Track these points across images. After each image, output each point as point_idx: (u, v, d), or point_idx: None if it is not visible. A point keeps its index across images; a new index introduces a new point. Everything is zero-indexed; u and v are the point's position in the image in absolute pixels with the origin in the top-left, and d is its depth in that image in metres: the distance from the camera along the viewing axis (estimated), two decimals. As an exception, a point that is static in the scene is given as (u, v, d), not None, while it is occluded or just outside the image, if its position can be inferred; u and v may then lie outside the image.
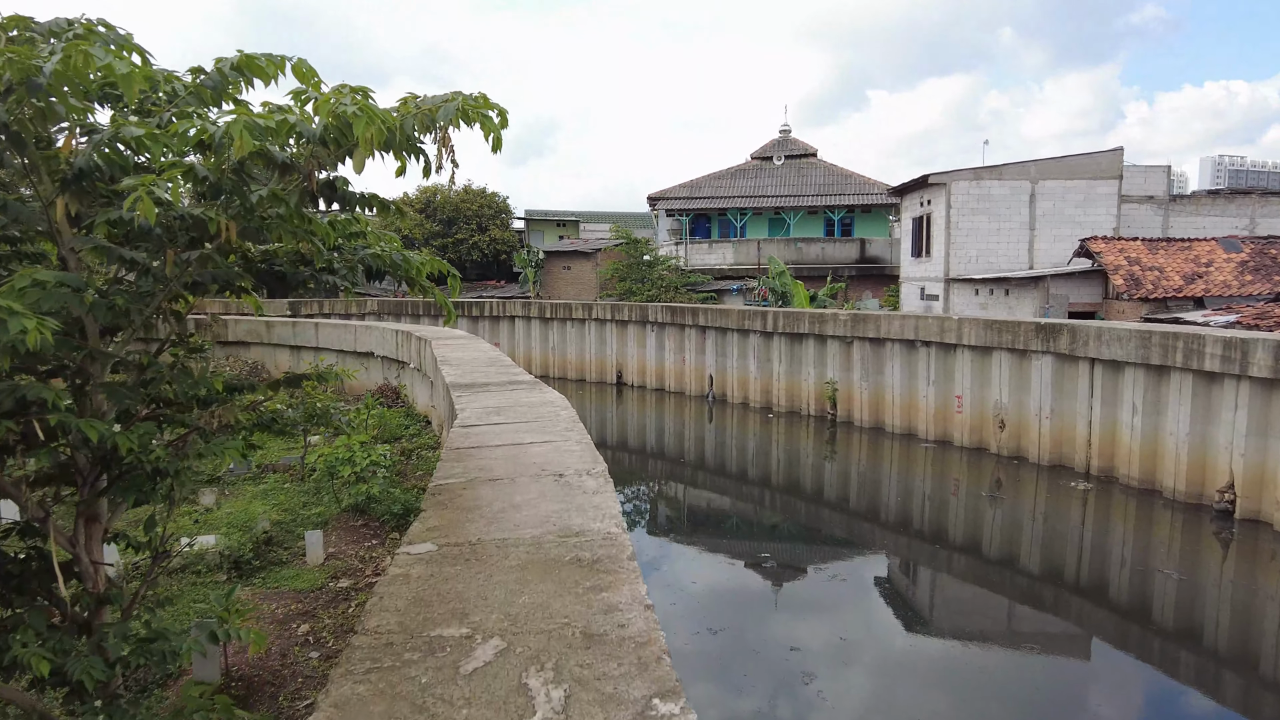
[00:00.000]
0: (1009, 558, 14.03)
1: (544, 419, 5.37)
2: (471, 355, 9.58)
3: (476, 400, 6.17)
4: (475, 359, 9.18)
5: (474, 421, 5.33)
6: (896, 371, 20.45)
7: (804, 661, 9.69)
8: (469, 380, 7.16)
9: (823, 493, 18.92)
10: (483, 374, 7.61)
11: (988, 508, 16.78)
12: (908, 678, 9.65)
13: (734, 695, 8.74)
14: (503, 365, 8.43)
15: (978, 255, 24.27)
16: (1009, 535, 15.02)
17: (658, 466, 22.58)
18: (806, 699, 8.66)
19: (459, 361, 8.95)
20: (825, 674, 9.42)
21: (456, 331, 13.76)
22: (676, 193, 37.24)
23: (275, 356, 19.96)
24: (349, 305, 38.61)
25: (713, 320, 25.91)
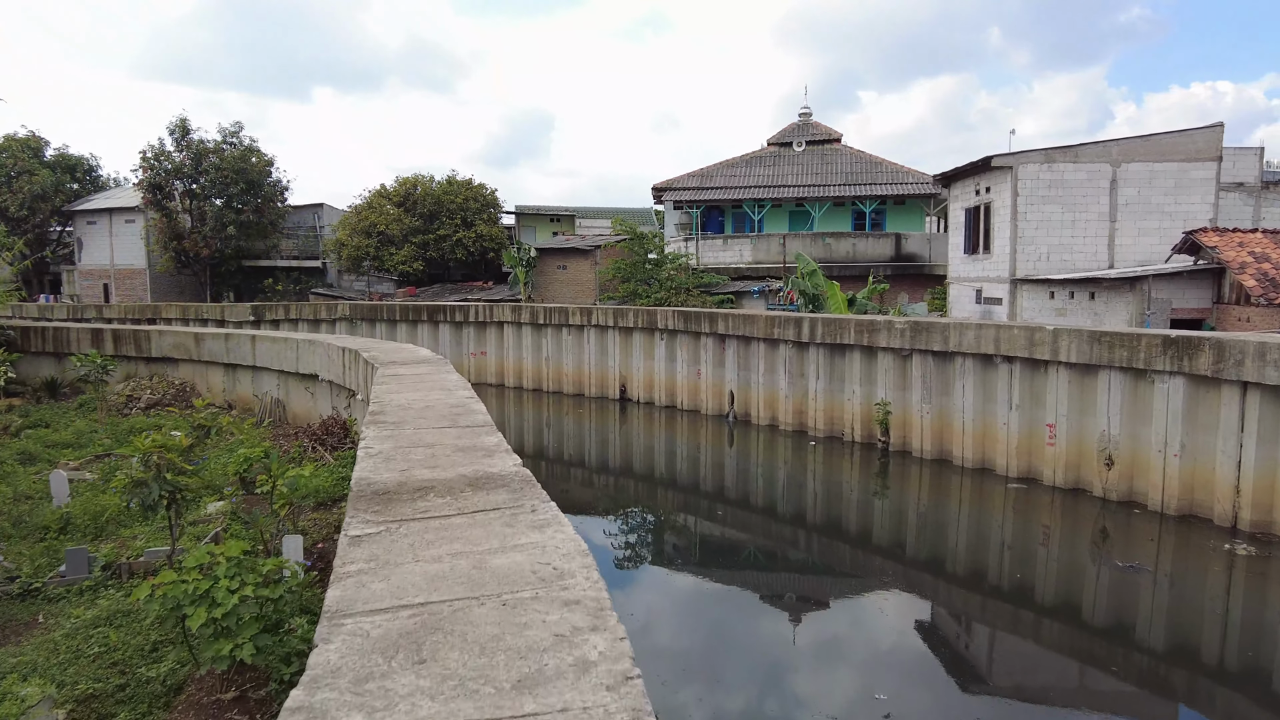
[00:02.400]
0: (1134, 634, 10.81)
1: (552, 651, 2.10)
2: (424, 401, 6.28)
3: (407, 550, 2.87)
4: (429, 408, 5.90)
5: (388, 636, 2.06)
6: (968, 392, 17.21)
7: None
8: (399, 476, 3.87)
9: (871, 536, 15.68)
10: (430, 452, 4.34)
11: (1090, 564, 13.58)
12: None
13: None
14: (470, 426, 5.16)
15: (1048, 251, 21.07)
16: (1129, 603, 11.81)
17: (668, 498, 19.31)
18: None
19: (401, 414, 5.68)
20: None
21: (419, 352, 10.41)
22: (685, 183, 33.95)
23: (207, 376, 16.59)
24: (318, 309, 35.24)
25: (735, 327, 22.63)
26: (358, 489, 3.63)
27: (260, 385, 15.41)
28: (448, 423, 5.39)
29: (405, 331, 32.29)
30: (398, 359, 9.64)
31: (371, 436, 4.88)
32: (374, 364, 9.18)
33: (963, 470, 17.65)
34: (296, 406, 14.55)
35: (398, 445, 4.59)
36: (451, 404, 6.20)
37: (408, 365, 8.87)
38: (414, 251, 39.43)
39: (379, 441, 4.70)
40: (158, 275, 44.06)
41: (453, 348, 31.58)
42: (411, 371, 8.28)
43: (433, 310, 31.77)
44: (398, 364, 9.06)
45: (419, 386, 7.19)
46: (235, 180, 39.90)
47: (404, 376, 7.88)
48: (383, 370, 8.55)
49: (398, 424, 5.37)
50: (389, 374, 8.16)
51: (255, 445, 12.61)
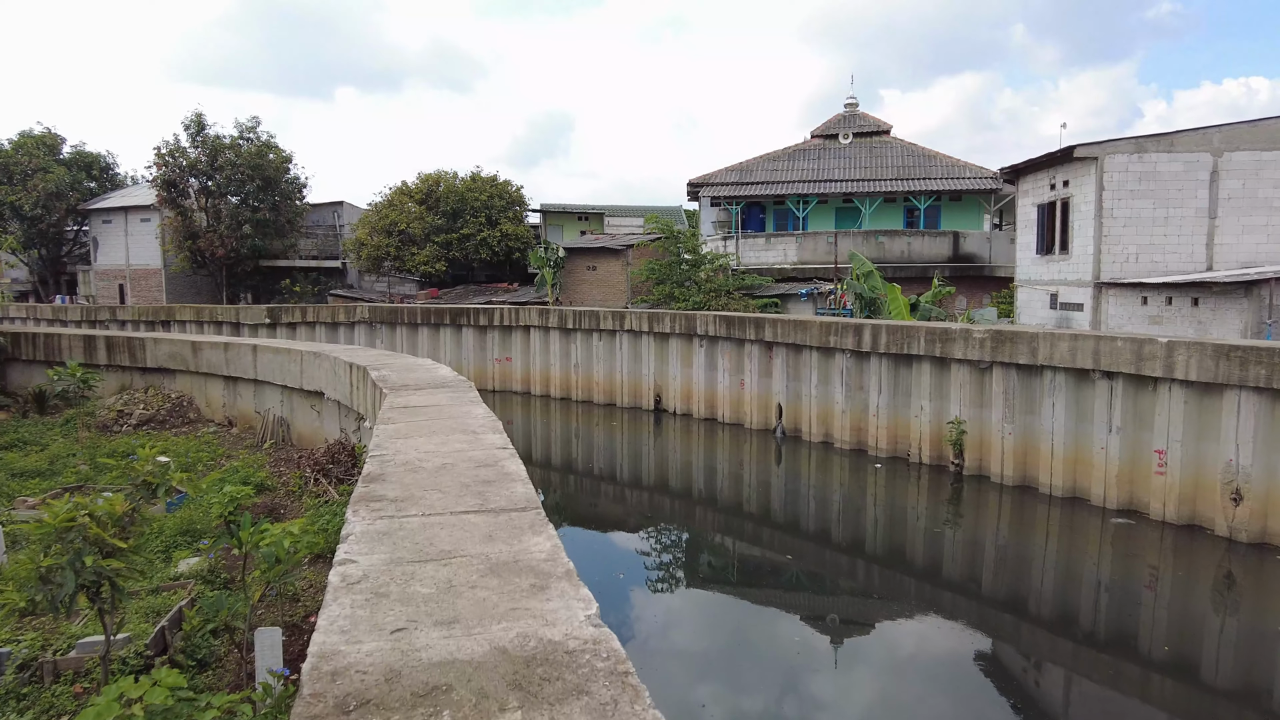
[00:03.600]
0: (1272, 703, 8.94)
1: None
2: (441, 453, 4.69)
3: None
4: (446, 469, 4.35)
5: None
6: (1058, 411, 15.31)
7: None
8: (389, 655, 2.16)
9: (941, 571, 13.86)
10: (446, 576, 2.67)
11: (1214, 615, 11.68)
12: None
13: None
14: (508, 510, 3.52)
15: (1137, 252, 19.06)
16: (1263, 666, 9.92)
17: (708, 520, 17.61)
18: None
19: (407, 481, 4.09)
20: None
21: (438, 371, 8.78)
22: (723, 177, 32.17)
23: (206, 389, 15.16)
24: (336, 312, 33.98)
25: (784, 334, 20.86)
26: (311, 692, 1.97)
27: (263, 401, 13.93)
28: (474, 501, 3.72)
29: (427, 336, 30.88)
30: (411, 380, 8.02)
31: (358, 533, 3.23)
32: (383, 387, 7.57)
33: (1050, 499, 15.75)
34: (302, 426, 13.04)
35: (395, 558, 2.93)
36: (478, 460, 4.55)
37: (423, 391, 7.24)
38: (436, 251, 38.07)
39: (367, 547, 3.05)
40: (173, 276, 43.15)
41: (476, 353, 30.13)
42: (427, 401, 6.65)
43: (455, 314, 30.33)
44: (411, 388, 7.44)
45: (435, 427, 5.54)
46: (252, 177, 38.81)
47: (417, 409, 6.25)
48: (392, 397, 6.93)
49: (400, 502, 3.72)
50: (399, 404, 6.54)
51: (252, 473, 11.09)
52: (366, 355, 10.69)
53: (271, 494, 10.54)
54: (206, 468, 11.90)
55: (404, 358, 10.40)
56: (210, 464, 12.01)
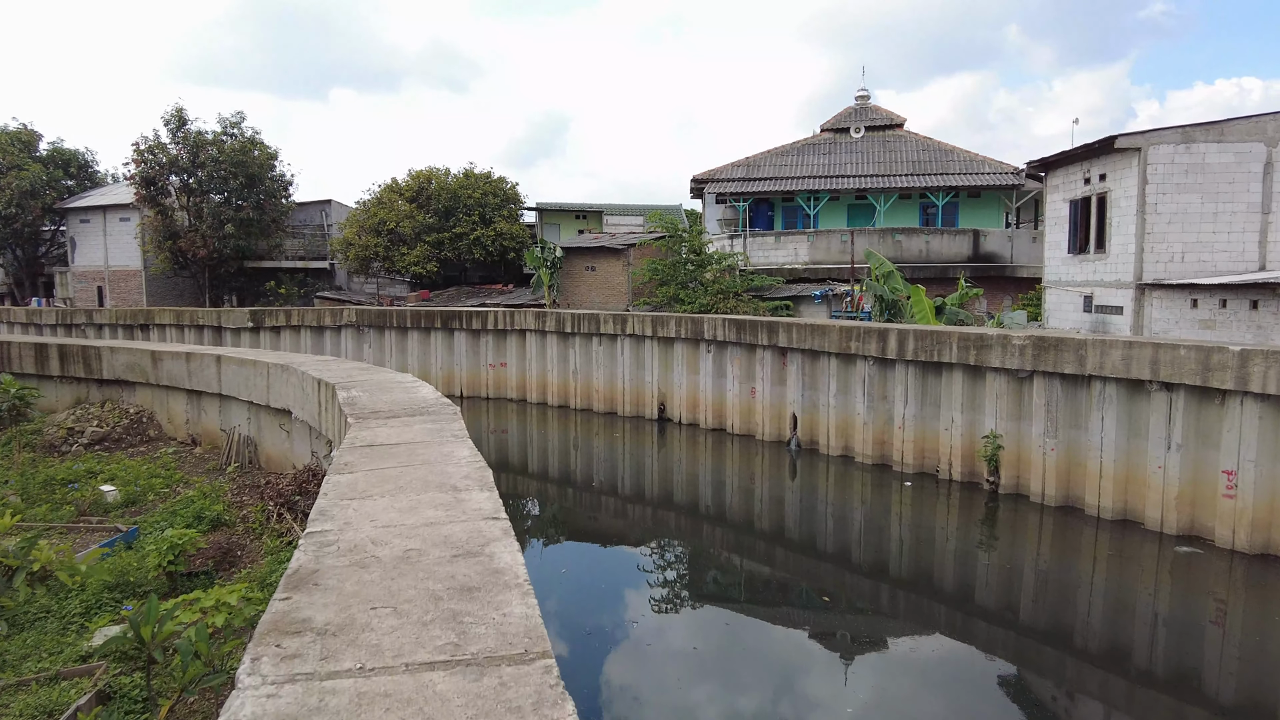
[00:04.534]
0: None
1: None
2: (408, 530, 3.38)
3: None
4: (411, 558, 3.08)
5: None
6: (1108, 426, 14.01)
7: None
8: None
9: (973, 597, 12.59)
10: (402, 709, 1.37)
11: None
12: None
13: None
14: (491, 601, 2.08)
15: (1183, 250, 17.77)
16: None
17: (715, 538, 16.33)
18: None
19: (352, 581, 2.79)
20: None
21: (418, 392, 7.39)
22: (729, 173, 30.84)
23: (168, 404, 13.79)
24: (322, 315, 32.57)
25: (800, 339, 19.54)
26: None
27: (229, 418, 12.56)
28: (446, 636, 2.39)
29: (417, 340, 29.52)
30: (385, 404, 6.66)
31: (269, 676, 1.89)
32: (349, 413, 6.22)
33: (1098, 522, 14.46)
34: (270, 447, 11.68)
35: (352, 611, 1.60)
36: (458, 544, 3.22)
37: (396, 420, 5.88)
38: (427, 251, 36.66)
39: None
40: (154, 277, 41.67)
41: (469, 358, 28.78)
42: (399, 435, 5.30)
43: (447, 317, 28.97)
44: (382, 416, 6.08)
45: (405, 479, 4.21)
46: (235, 174, 37.35)
47: (386, 449, 4.90)
48: (357, 429, 5.59)
49: (332, 634, 2.40)
50: (364, 439, 5.19)
51: (208, 505, 9.73)
52: (338, 369, 9.33)
53: (229, 531, 9.19)
54: (159, 497, 10.54)
55: (380, 372, 9.04)
56: (164, 492, 10.65)
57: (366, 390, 7.46)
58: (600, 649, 11.01)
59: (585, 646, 10.92)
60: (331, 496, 3.95)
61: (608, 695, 9.73)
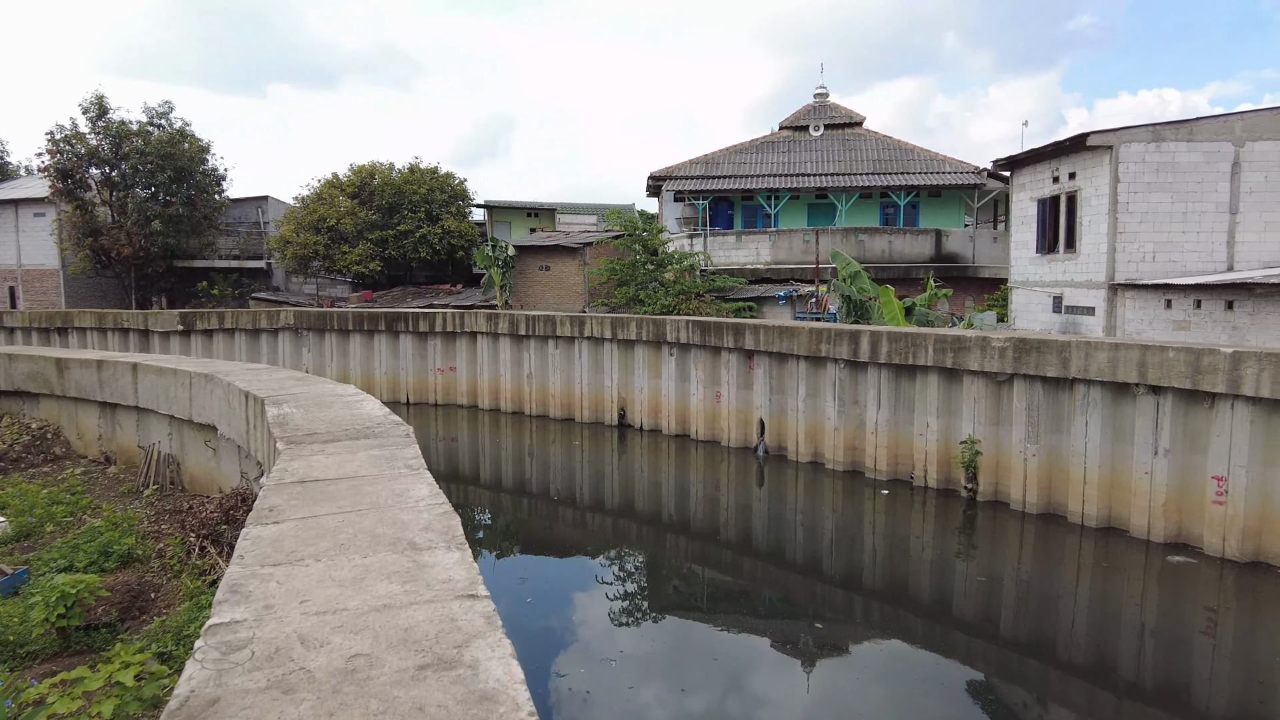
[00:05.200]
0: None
1: None
2: (345, 590, 2.33)
3: None
4: (355, 639, 1.93)
5: None
6: (1092, 430, 13.60)
7: None
8: None
9: (951, 607, 11.97)
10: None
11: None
12: None
13: None
14: None
15: (1154, 250, 17.61)
16: None
17: (679, 548, 15.52)
18: None
19: (290, 642, 1.86)
20: None
21: (363, 407, 6.33)
22: (688, 170, 30.11)
23: (77, 418, 12.36)
24: (258, 317, 30.80)
25: (767, 342, 18.85)
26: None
27: (147, 433, 11.25)
28: None
29: (359, 344, 28.06)
30: (323, 424, 5.60)
31: None
32: (279, 436, 5.17)
33: (1082, 530, 14.04)
34: (195, 466, 10.43)
35: None
36: (423, 639, 2.28)
37: (336, 448, 4.85)
38: (370, 250, 35.10)
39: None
40: (73, 278, 39.15)
41: (416, 363, 27.44)
42: (340, 468, 4.28)
43: (392, 319, 27.59)
44: (320, 440, 5.04)
45: (347, 534, 3.22)
46: (162, 167, 35.20)
47: (322, 487, 3.89)
48: (288, 458, 4.56)
49: None
50: (296, 473, 4.17)
51: (117, 537, 8.47)
52: (270, 380, 8.19)
53: (141, 569, 7.97)
54: (60, 528, 9.22)
55: (318, 383, 7.93)
56: (66, 522, 9.33)
57: (301, 406, 6.38)
58: (569, 672, 10.07)
59: (556, 675, 9.97)
60: (249, 561, 2.94)
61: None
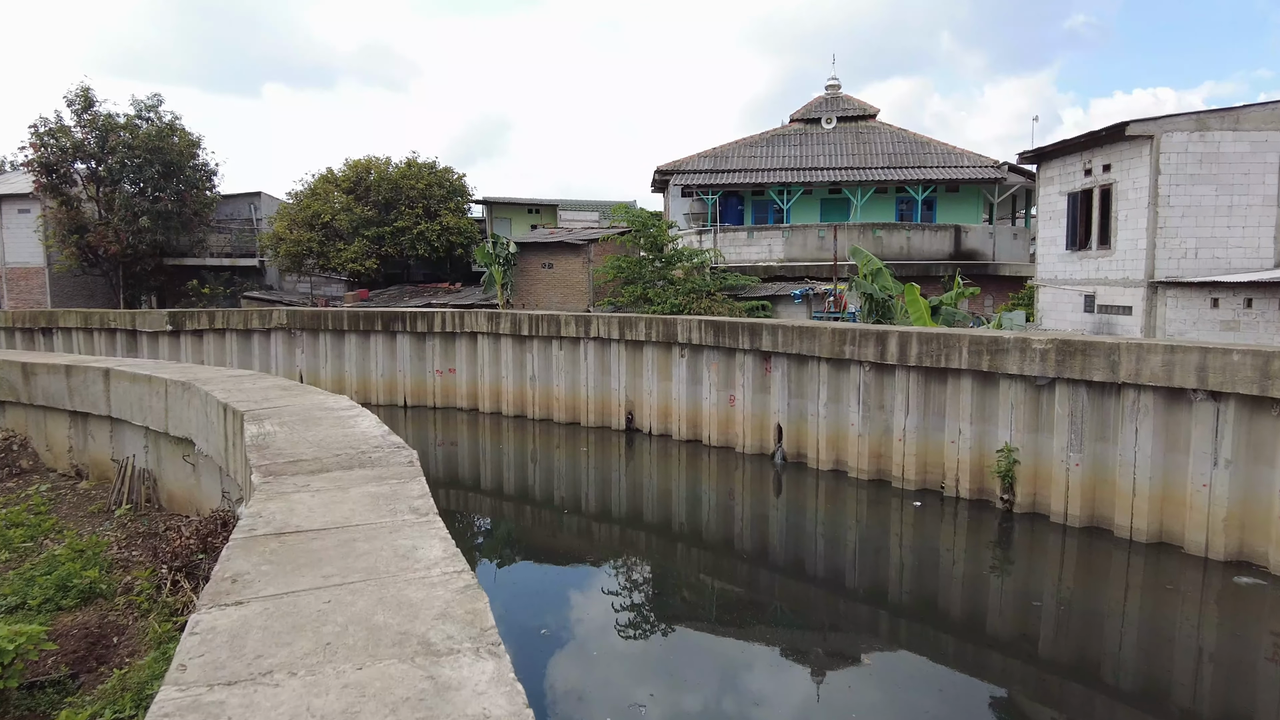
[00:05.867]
0: None
1: None
2: (341, 713, 1.32)
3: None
4: None
5: None
6: (1143, 439, 12.72)
7: None
8: None
9: (985, 627, 11.09)
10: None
11: None
12: None
13: None
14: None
15: (1197, 246, 16.74)
16: None
17: (690, 560, 14.64)
18: None
19: None
20: None
21: (357, 425, 5.41)
22: (696, 164, 29.21)
23: (46, 427, 11.43)
24: (249, 318, 29.85)
25: (786, 343, 17.96)
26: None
27: (121, 445, 10.32)
28: None
29: (355, 344, 27.14)
30: (309, 447, 4.69)
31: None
32: (255, 464, 4.26)
33: (1130, 545, 13.15)
34: (173, 483, 9.51)
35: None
36: None
37: (324, 480, 3.93)
38: (366, 247, 34.15)
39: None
40: (60, 276, 38.16)
41: (414, 364, 26.52)
42: (328, 516, 3.37)
43: (389, 318, 26.65)
44: (305, 471, 4.13)
45: (335, 628, 2.31)
46: (150, 162, 34.23)
47: (303, 545, 2.98)
48: (263, 497, 3.65)
49: None
50: (271, 524, 3.26)
51: (77, 570, 7.55)
52: (254, 389, 7.28)
53: (105, 606, 7.05)
54: (17, 555, 8.29)
55: (307, 394, 7.01)
56: (25, 548, 8.41)
57: (286, 423, 5.47)
58: None
59: None
60: (191, 678, 2.04)
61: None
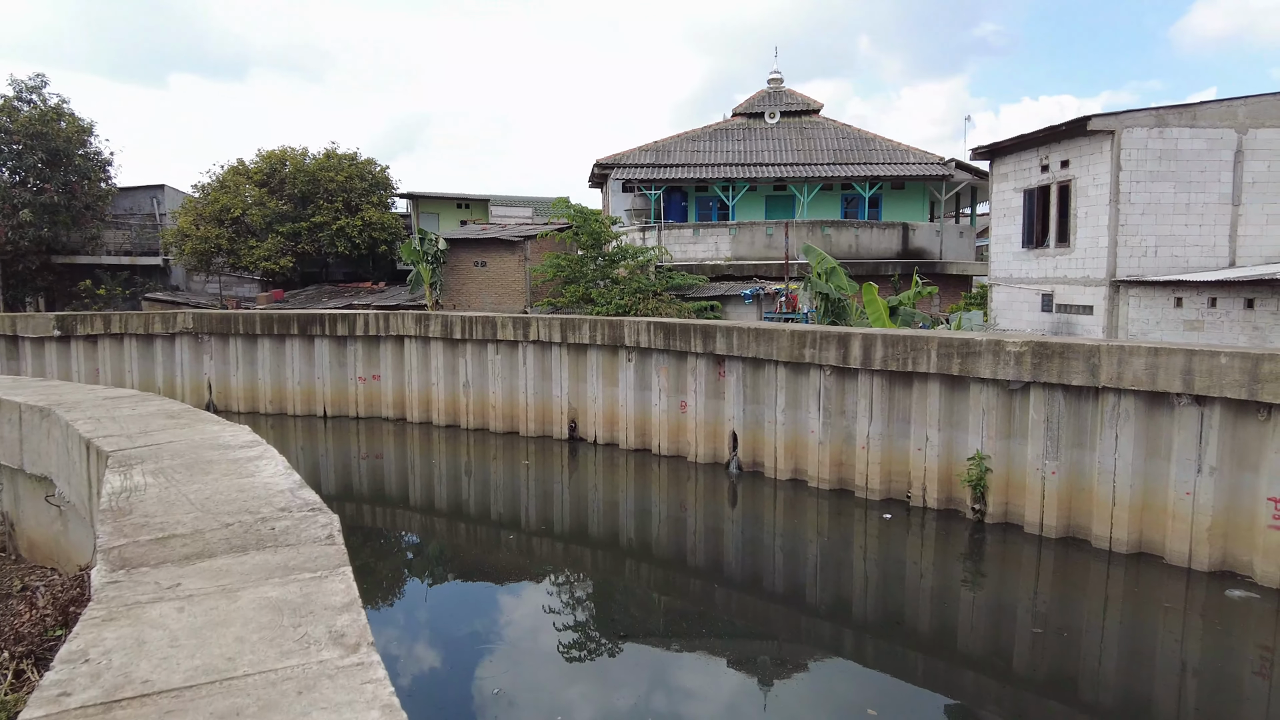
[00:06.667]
0: None
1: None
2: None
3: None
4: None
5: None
6: (1123, 445, 12.22)
7: None
8: None
9: (957, 641, 10.45)
10: None
11: None
12: None
13: None
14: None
15: (1156, 245, 16.53)
16: None
17: (638, 578, 13.70)
18: None
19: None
20: None
21: (258, 474, 4.13)
22: (637, 158, 28.14)
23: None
24: (150, 321, 27.40)
25: (742, 345, 17.06)
26: None
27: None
28: None
29: (269, 349, 25.12)
30: (187, 516, 3.38)
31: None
32: (109, 535, 2.96)
33: (1110, 556, 12.66)
34: (33, 529, 7.89)
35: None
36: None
37: (203, 578, 2.66)
38: (281, 244, 31.93)
39: None
40: (-71, 274, 34.61)
41: (334, 370, 24.69)
42: (201, 655, 2.13)
43: (306, 321, 24.75)
44: (176, 559, 2.84)
45: None
46: (32, 149, 31.25)
47: None
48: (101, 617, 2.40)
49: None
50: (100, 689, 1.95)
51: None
52: (133, 414, 5.83)
53: (-74, 698, 5.50)
54: None
55: (198, 425, 5.59)
56: None
57: (163, 470, 4.13)
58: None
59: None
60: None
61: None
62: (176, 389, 26.32)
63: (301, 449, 22.38)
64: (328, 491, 19.26)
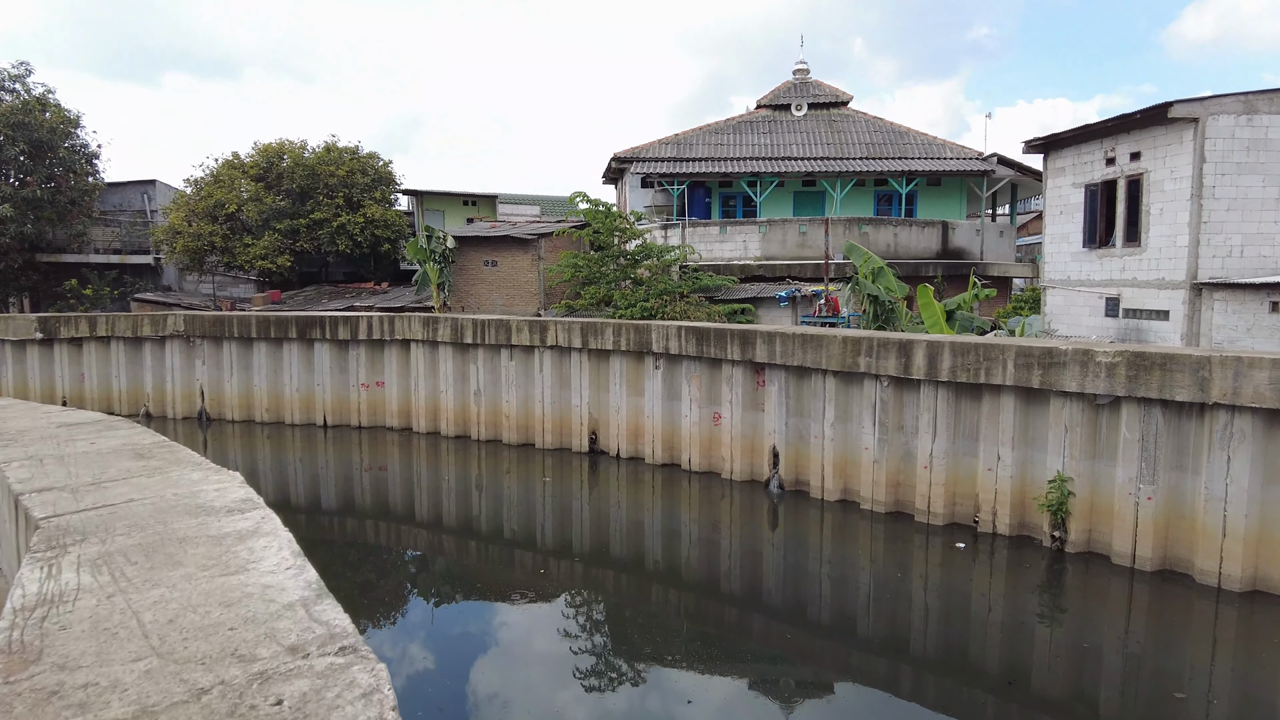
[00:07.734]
0: None
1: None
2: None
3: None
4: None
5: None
6: (1237, 469, 10.88)
7: None
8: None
9: (1030, 682, 9.24)
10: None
11: None
12: None
13: None
14: None
15: (1243, 244, 15.20)
16: None
17: (671, 606, 12.44)
18: None
19: None
20: None
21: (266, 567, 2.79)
22: (657, 151, 26.81)
23: None
24: (139, 324, 26.03)
25: (785, 353, 15.71)
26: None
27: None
28: None
29: (265, 354, 23.78)
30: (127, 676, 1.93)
31: None
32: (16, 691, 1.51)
33: (1219, 593, 11.32)
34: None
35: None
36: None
37: None
38: (278, 242, 30.57)
39: None
40: (-93, 273, 33.24)
41: (335, 377, 23.33)
42: None
43: (305, 324, 23.39)
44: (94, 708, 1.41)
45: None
46: (13, 140, 29.89)
47: None
48: None
49: None
50: None
51: None
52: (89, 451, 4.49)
53: None
54: None
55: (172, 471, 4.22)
56: None
57: (109, 558, 2.77)
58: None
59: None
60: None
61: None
62: (167, 396, 24.99)
63: (300, 460, 21.05)
64: (328, 506, 17.95)
